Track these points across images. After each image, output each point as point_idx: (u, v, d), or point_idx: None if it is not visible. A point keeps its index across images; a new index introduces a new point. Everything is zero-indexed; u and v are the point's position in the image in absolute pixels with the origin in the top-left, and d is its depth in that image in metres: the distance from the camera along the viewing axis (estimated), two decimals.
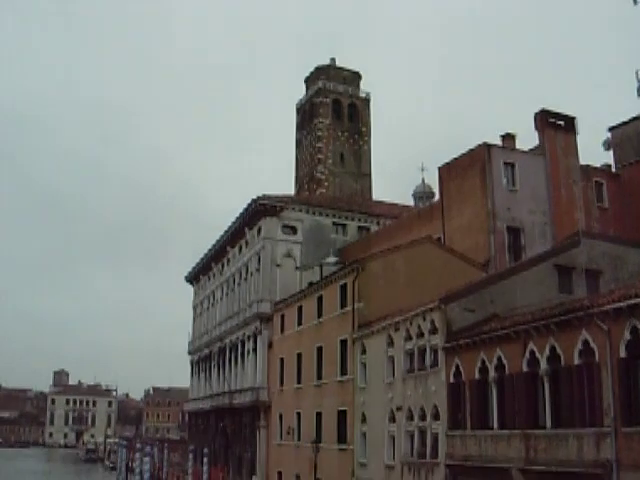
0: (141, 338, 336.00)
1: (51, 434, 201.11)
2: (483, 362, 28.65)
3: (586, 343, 23.79)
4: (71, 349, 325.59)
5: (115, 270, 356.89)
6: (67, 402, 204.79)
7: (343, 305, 42.90)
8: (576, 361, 24.12)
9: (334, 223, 60.42)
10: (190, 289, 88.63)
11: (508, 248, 42.69)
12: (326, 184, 77.55)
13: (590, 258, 33.76)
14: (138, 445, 69.09)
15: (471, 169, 44.06)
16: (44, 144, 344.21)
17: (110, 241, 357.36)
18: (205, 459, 56.03)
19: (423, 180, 68.43)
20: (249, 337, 59.94)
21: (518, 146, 46.15)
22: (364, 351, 39.62)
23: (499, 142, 45.49)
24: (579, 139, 46.85)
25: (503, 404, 27.54)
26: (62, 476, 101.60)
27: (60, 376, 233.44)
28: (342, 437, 41.22)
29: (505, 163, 43.79)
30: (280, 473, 51.04)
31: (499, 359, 27.78)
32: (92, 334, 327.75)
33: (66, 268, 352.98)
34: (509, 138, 45.95)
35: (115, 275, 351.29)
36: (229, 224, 66.98)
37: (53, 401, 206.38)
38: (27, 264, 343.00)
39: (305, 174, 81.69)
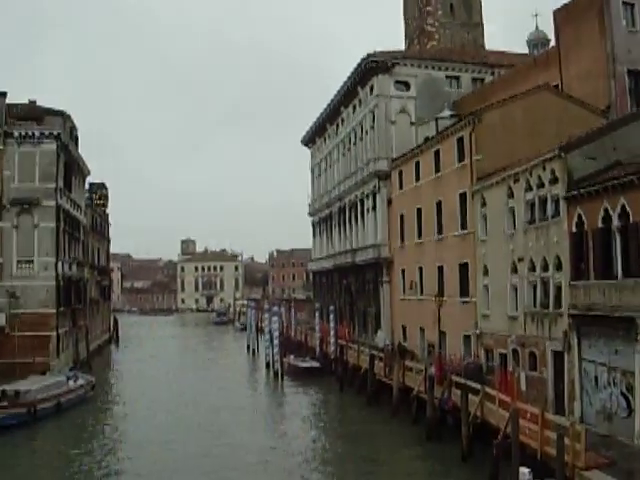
0: (264, 203, 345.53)
1: (183, 300, 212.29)
2: (606, 211, 28.50)
3: None
4: (198, 219, 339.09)
5: (242, 140, 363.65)
6: (196, 269, 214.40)
7: (461, 158, 43.08)
8: None
9: (447, 76, 59.50)
10: (308, 152, 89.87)
11: (629, 92, 41.09)
12: (437, 36, 75.56)
13: None
14: (266, 306, 72.69)
15: (588, 11, 42.12)
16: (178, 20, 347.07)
17: (236, 113, 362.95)
18: (331, 316, 58.47)
19: (537, 26, 65.80)
20: (368, 195, 61.05)
21: None
22: (484, 204, 39.98)
23: None
24: None
25: (627, 253, 27.46)
26: (197, 338, 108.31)
27: (187, 245, 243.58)
28: (464, 290, 42.34)
29: (624, 3, 41.57)
30: (404, 327, 53.04)
31: (623, 207, 27.54)
32: (217, 203, 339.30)
33: (195, 141, 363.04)
34: None
35: (242, 145, 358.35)
36: (341, 84, 67.02)
37: (182, 269, 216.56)
38: (158, 138, 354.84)
39: (414, 28, 79.73)
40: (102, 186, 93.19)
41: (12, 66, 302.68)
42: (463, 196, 42.63)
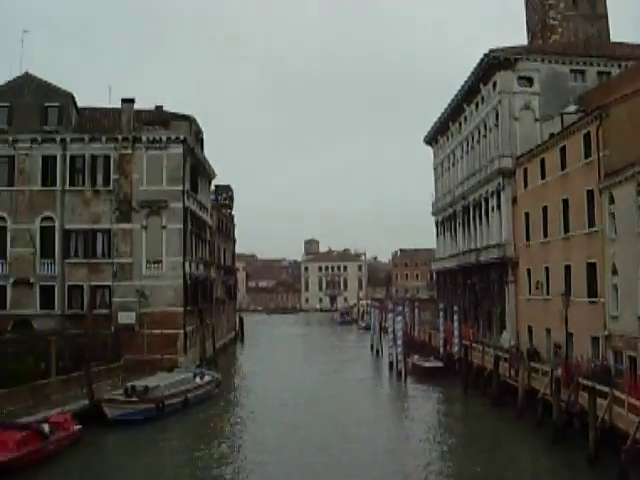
0: (386, 203, 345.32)
1: (307, 300, 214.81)
2: None
3: None
4: (320, 218, 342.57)
5: (365, 140, 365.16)
6: (319, 269, 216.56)
7: (587, 155, 41.88)
8: None
9: (572, 70, 57.85)
10: (430, 151, 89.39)
11: None
12: (559, 30, 73.45)
13: None
14: (389, 305, 72.79)
15: None
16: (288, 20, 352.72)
17: (357, 111, 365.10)
18: (455, 316, 57.99)
19: None
20: (492, 194, 60.19)
21: None
22: (612, 201, 38.74)
23: None
24: None
25: None
26: (321, 337, 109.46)
27: (311, 244, 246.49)
28: (592, 290, 41.13)
29: None
30: (530, 327, 51.98)
31: None
32: (340, 203, 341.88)
33: (308, 143, 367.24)
34: None
35: (364, 145, 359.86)
36: (462, 82, 66.32)
37: (306, 268, 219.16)
38: (271, 142, 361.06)
39: (536, 22, 77.87)
40: (227, 188, 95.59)
41: (139, 73, 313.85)
42: (590, 193, 41.41)
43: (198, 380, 45.58)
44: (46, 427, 30.70)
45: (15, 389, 36.17)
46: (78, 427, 33.38)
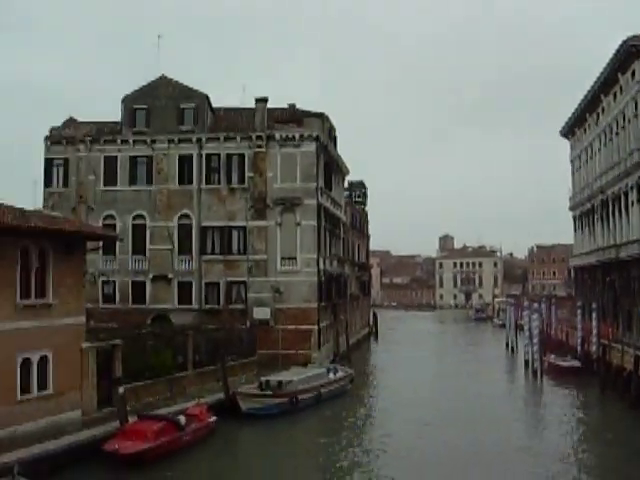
0: (522, 197, 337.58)
1: (441, 296, 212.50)
2: None
3: None
4: (454, 214, 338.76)
5: (496, 134, 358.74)
6: (454, 265, 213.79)
7: None
8: None
9: None
10: (566, 144, 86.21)
11: None
12: None
13: None
14: (525, 303, 70.57)
15: None
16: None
17: (488, 105, 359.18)
18: (594, 314, 55.51)
19: None
20: (632, 187, 57.17)
21: None
22: None
23: None
24: None
25: None
26: (455, 334, 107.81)
27: (445, 240, 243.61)
28: None
29: None
30: None
31: None
32: (474, 198, 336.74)
33: (439, 137, 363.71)
34: None
35: (485, 138, 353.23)
36: (599, 72, 63.34)
37: (440, 265, 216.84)
38: (407, 139, 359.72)
39: None
40: (361, 184, 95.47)
41: (271, 72, 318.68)
42: None
43: (331, 375, 45.45)
44: (182, 419, 31.22)
45: (153, 381, 37.15)
46: (213, 419, 33.84)
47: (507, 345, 76.54)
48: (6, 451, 25.38)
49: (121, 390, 30.87)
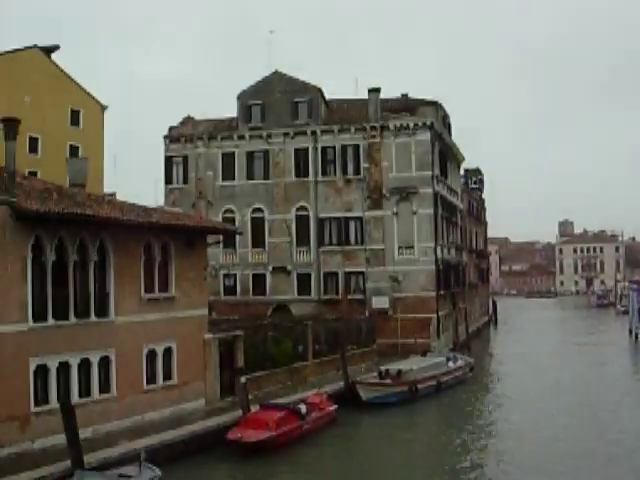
0: None
1: (562, 283, 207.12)
2: None
3: None
4: (574, 199, 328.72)
5: (603, 115, 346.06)
6: (574, 251, 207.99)
7: None
8: None
9: None
10: None
11: None
12: None
13: None
14: None
15: None
16: None
17: (603, 87, 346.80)
18: None
19: None
20: None
21: None
22: None
23: None
24: None
25: None
26: (576, 321, 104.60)
27: (565, 226, 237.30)
28: None
29: None
30: None
31: None
32: (594, 182, 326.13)
33: (559, 121, 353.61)
34: None
35: (603, 121, 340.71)
36: None
37: (560, 251, 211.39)
38: (523, 124, 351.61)
39: None
40: (477, 171, 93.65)
41: (384, 62, 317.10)
42: None
43: (451, 364, 44.62)
44: (303, 407, 31.23)
45: (274, 371, 37.48)
46: (333, 408, 33.74)
47: (630, 332, 73.56)
48: (133, 438, 26.05)
49: (243, 380, 31.10)
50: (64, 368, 26.15)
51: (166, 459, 23.97)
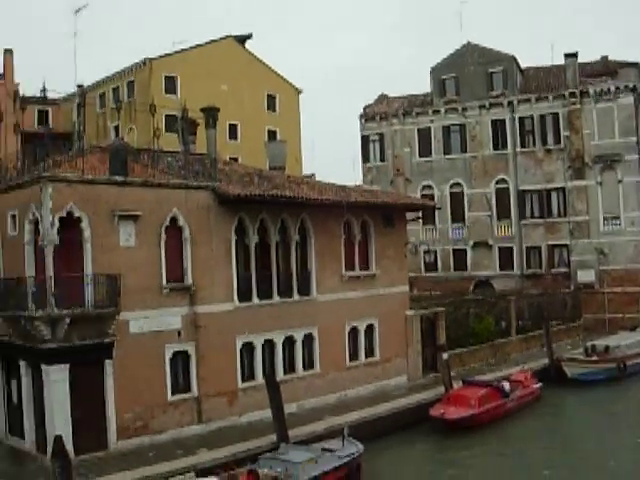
0: None
1: None
2: None
3: None
4: None
5: None
6: None
7: None
8: None
9: None
10: None
11: None
12: None
13: None
14: None
15: None
16: None
17: None
18: None
19: None
20: None
21: None
22: None
23: None
24: None
25: None
26: None
27: None
28: None
29: None
30: None
31: None
32: None
33: None
34: None
35: None
36: None
37: None
38: None
39: None
40: None
41: (579, 25, 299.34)
42: None
43: None
44: (506, 385, 30.27)
45: (476, 347, 36.73)
46: (538, 385, 32.49)
47: None
48: (337, 414, 26.37)
49: (445, 356, 30.64)
50: (269, 346, 26.97)
51: (368, 434, 23.99)
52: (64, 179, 21.77)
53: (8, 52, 48.73)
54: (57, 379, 21.14)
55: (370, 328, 31.20)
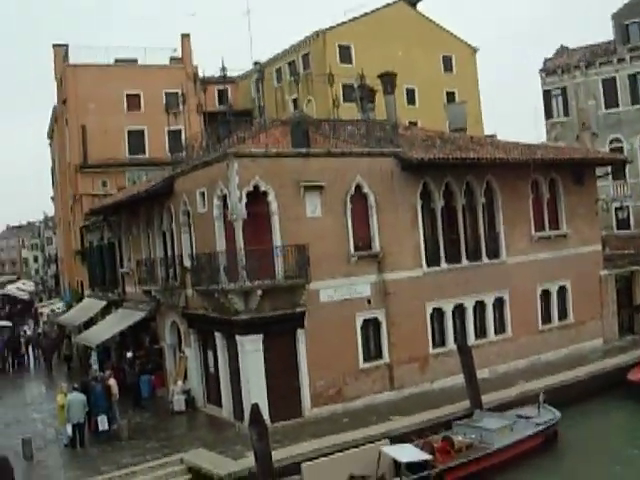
0: None
1: None
2: None
3: None
4: None
5: None
6: None
7: None
8: None
9: None
10: None
11: None
12: None
13: None
14: None
15: None
16: None
17: None
18: None
19: None
20: None
21: None
22: None
23: None
24: None
25: None
26: None
27: None
28: None
29: None
30: None
31: None
32: None
33: None
34: None
35: None
36: None
37: None
38: None
39: None
40: None
41: None
42: None
43: None
44: None
45: None
46: None
47: None
48: (530, 379, 25.07)
49: None
50: (459, 311, 26.08)
51: (564, 400, 22.58)
52: (249, 154, 21.76)
53: (186, 37, 50.18)
54: (251, 349, 21.33)
55: (562, 290, 29.43)
